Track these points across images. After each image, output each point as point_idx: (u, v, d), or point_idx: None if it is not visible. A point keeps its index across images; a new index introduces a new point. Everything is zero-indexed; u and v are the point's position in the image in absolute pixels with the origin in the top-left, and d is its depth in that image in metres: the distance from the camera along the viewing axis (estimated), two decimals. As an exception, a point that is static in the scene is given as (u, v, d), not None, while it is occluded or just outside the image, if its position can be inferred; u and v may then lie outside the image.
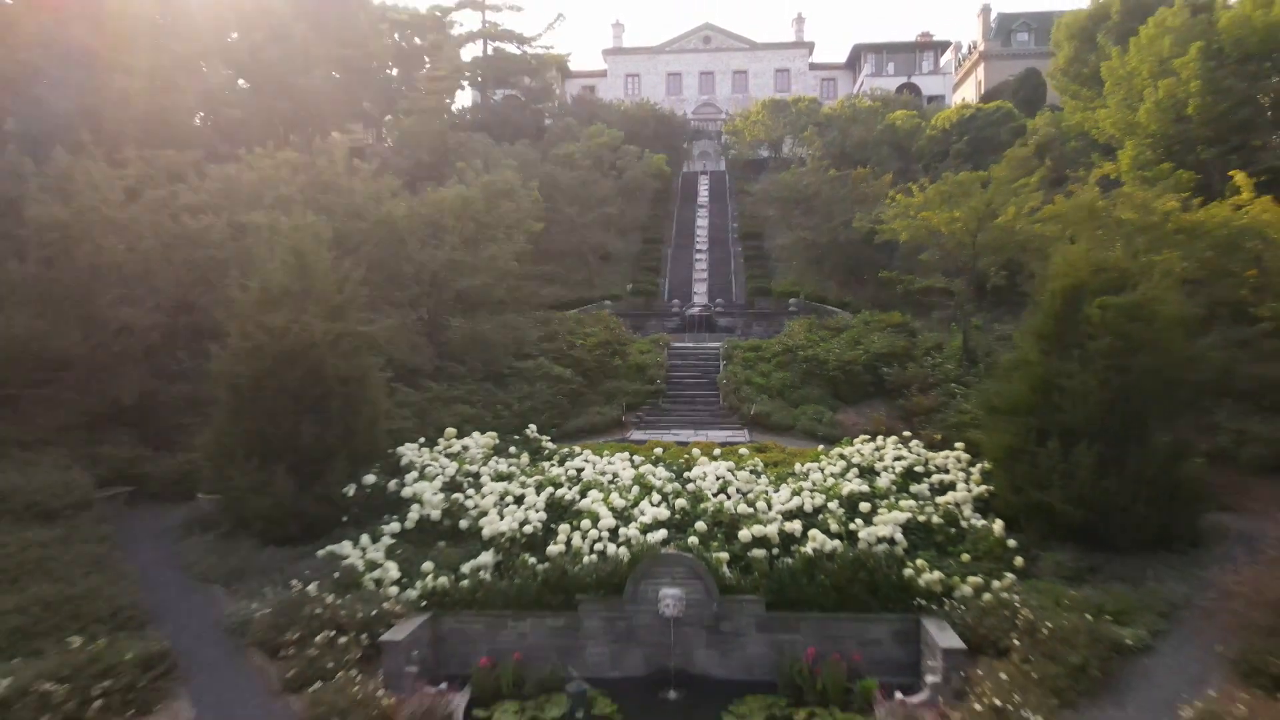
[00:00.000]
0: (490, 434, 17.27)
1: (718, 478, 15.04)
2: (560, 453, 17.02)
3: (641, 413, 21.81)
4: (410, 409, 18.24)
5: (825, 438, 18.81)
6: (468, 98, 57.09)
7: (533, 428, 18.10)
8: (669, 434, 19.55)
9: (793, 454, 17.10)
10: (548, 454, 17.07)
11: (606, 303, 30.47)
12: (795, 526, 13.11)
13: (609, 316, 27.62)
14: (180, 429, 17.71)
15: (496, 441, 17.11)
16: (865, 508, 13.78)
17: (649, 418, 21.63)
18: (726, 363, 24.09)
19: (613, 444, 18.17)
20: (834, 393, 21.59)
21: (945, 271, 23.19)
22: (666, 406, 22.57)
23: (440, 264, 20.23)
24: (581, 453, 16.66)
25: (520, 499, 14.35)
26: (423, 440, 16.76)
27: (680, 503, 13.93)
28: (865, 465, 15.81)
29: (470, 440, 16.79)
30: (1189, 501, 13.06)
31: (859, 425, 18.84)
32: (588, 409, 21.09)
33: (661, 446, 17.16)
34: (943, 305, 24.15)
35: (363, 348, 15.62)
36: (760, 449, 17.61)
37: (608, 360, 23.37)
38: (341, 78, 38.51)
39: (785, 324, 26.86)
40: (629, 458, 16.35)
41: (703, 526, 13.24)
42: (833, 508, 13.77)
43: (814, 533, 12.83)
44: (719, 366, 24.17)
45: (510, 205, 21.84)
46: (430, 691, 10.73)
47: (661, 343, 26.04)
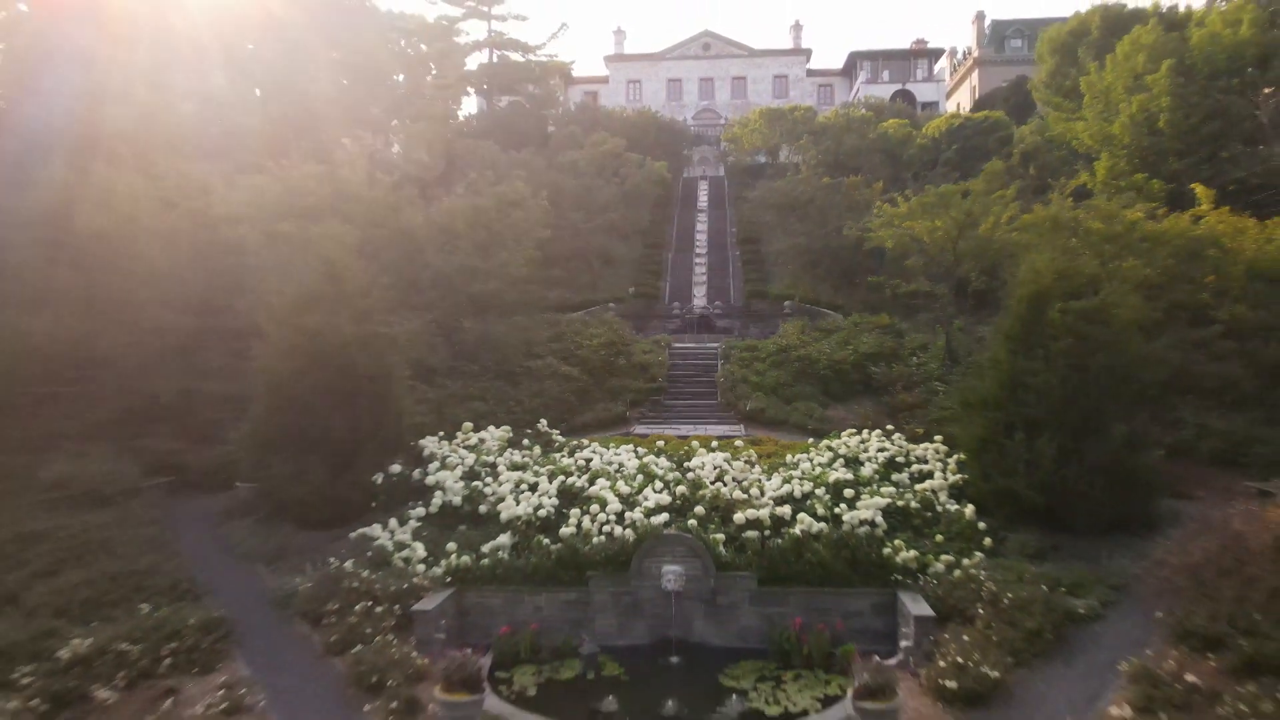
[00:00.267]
0: (504, 428, 18.51)
1: (715, 467, 16.29)
2: (570, 445, 18.25)
3: (644, 409, 22.70)
4: (428, 405, 19.45)
5: (815, 432, 19.71)
6: (473, 104, 58.30)
7: (543, 422, 19.25)
8: (670, 428, 20.57)
9: (785, 446, 18.37)
10: (558, 446, 18.31)
11: (610, 305, 31.01)
12: (785, 511, 14.33)
13: (613, 318, 28.34)
14: (215, 424, 18.92)
15: (510, 435, 18.35)
16: (849, 494, 15.00)
17: (651, 413, 22.51)
18: (724, 362, 24.85)
19: (618, 437, 19.33)
20: (824, 390, 22.44)
21: (929, 276, 24.06)
22: (668, 403, 23.34)
23: (454, 269, 21.42)
24: (589, 445, 17.90)
25: (534, 486, 15.58)
26: (441, 434, 17.95)
27: (680, 490, 15.16)
28: (850, 456, 17.01)
29: (486, 433, 18.05)
30: (1142, 488, 14.18)
31: (847, 420, 19.94)
32: (594, 405, 21.98)
33: (663, 440, 18.40)
34: (928, 308, 24.87)
35: (388, 348, 16.92)
36: (755, 442, 18.86)
37: (612, 360, 24.20)
38: (350, 85, 39.55)
39: (780, 325, 27.52)
40: (633, 449, 17.52)
41: (701, 511, 14.45)
42: (820, 494, 14.99)
43: (802, 516, 14.07)
44: (717, 365, 24.92)
45: (520, 215, 22.97)
46: (459, 653, 12.01)
47: (663, 343, 26.70)
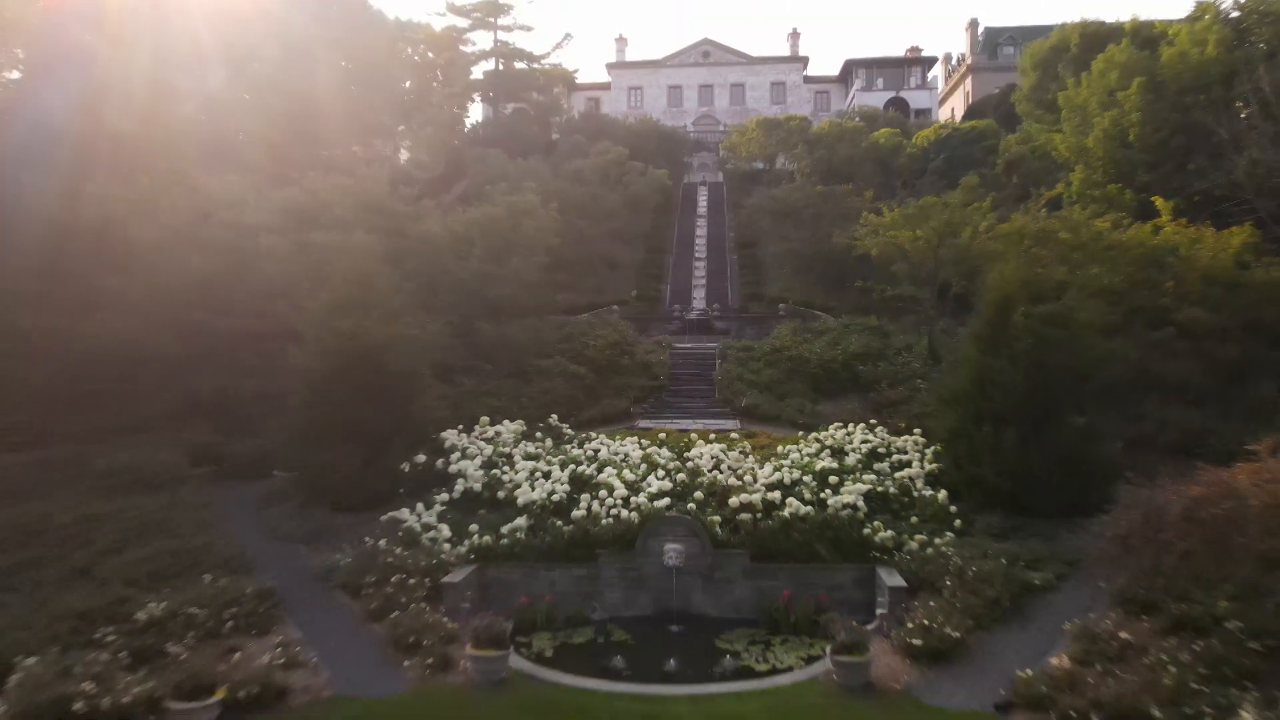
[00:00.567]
0: (518, 422, 20.00)
1: (712, 457, 17.83)
2: (579, 438, 19.76)
3: (647, 405, 24.06)
4: (447, 401, 20.88)
5: (806, 426, 21.04)
6: (478, 110, 59.82)
7: (554, 417, 20.71)
8: (671, 423, 21.95)
9: (777, 439, 19.91)
10: (568, 439, 19.84)
11: (614, 308, 32.16)
12: (776, 495, 15.87)
13: (617, 320, 29.60)
14: (251, 418, 20.43)
15: (524, 428, 19.86)
16: (834, 480, 16.54)
17: (654, 409, 23.85)
18: (722, 361, 26.17)
19: (623, 431, 20.82)
20: (815, 388, 23.82)
21: (913, 281, 25.56)
22: (669, 400, 24.67)
23: (471, 275, 22.90)
24: (597, 438, 19.43)
25: (547, 474, 17.09)
26: (460, 427, 19.38)
27: (681, 477, 16.74)
28: (836, 447, 18.54)
29: (502, 427, 19.57)
30: (1096, 475, 15.62)
31: (836, 415, 21.30)
32: (600, 401, 23.29)
33: (665, 433, 19.92)
34: (912, 311, 26.20)
35: (414, 349, 18.45)
36: (749, 435, 20.41)
37: (617, 359, 25.53)
38: (361, 94, 40.99)
39: (775, 327, 28.85)
40: (637, 441, 19.03)
41: (699, 496, 16.02)
42: (807, 481, 16.52)
43: (791, 500, 15.64)
44: (715, 365, 26.21)
45: (532, 224, 24.45)
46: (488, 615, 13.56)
47: (664, 344, 27.90)
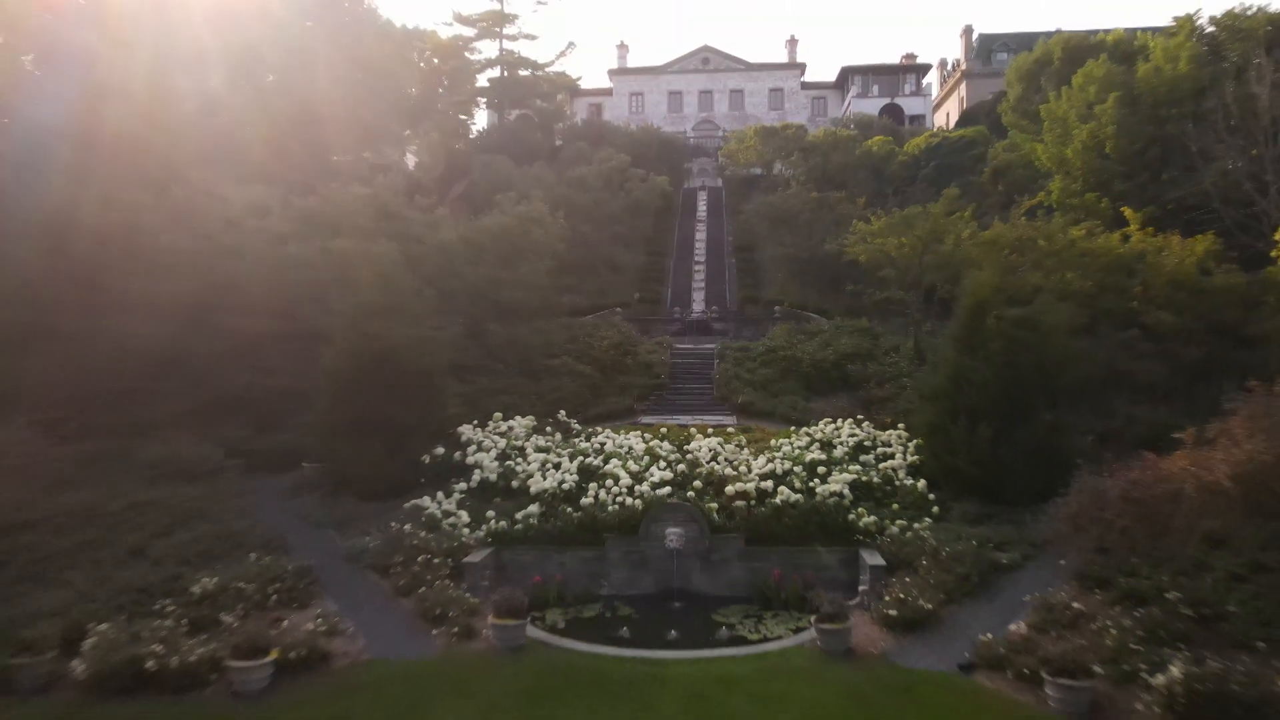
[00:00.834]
0: (529, 418, 21.36)
1: (710, 450, 19.26)
2: (586, 432, 21.19)
3: (649, 402, 25.36)
4: (462, 398, 22.23)
5: (798, 421, 22.28)
6: (483, 117, 61.14)
7: (562, 413, 22.08)
8: (672, 418, 23.24)
9: (770, 433, 21.30)
10: (576, 433, 21.23)
11: (617, 310, 33.36)
12: (768, 484, 17.32)
13: (620, 321, 30.95)
14: (278, 414, 21.78)
15: (534, 424, 21.22)
16: (822, 471, 17.97)
17: (655, 406, 25.13)
18: (720, 361, 27.44)
19: (627, 426, 22.23)
20: (807, 386, 25.10)
21: (900, 286, 26.94)
22: (670, 397, 25.93)
23: (483, 280, 24.26)
24: (603, 432, 20.85)
25: (557, 465, 18.50)
26: (475, 422, 20.77)
27: (681, 468, 18.18)
28: (825, 440, 19.93)
29: (514, 422, 20.93)
30: (1063, 466, 16.75)
31: (827, 412, 22.54)
32: (605, 399, 24.62)
33: (666, 428, 21.35)
34: (900, 313, 27.53)
35: (433, 349, 19.82)
36: (745, 430, 21.78)
37: (620, 359, 26.90)
38: (368, 100, 42.19)
39: (770, 328, 30.12)
40: (641, 435, 20.45)
41: (698, 484, 17.44)
42: (798, 471, 17.93)
43: (782, 489, 17.06)
44: (713, 364, 27.48)
45: (540, 232, 25.79)
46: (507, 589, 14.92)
47: (665, 344, 29.22)
